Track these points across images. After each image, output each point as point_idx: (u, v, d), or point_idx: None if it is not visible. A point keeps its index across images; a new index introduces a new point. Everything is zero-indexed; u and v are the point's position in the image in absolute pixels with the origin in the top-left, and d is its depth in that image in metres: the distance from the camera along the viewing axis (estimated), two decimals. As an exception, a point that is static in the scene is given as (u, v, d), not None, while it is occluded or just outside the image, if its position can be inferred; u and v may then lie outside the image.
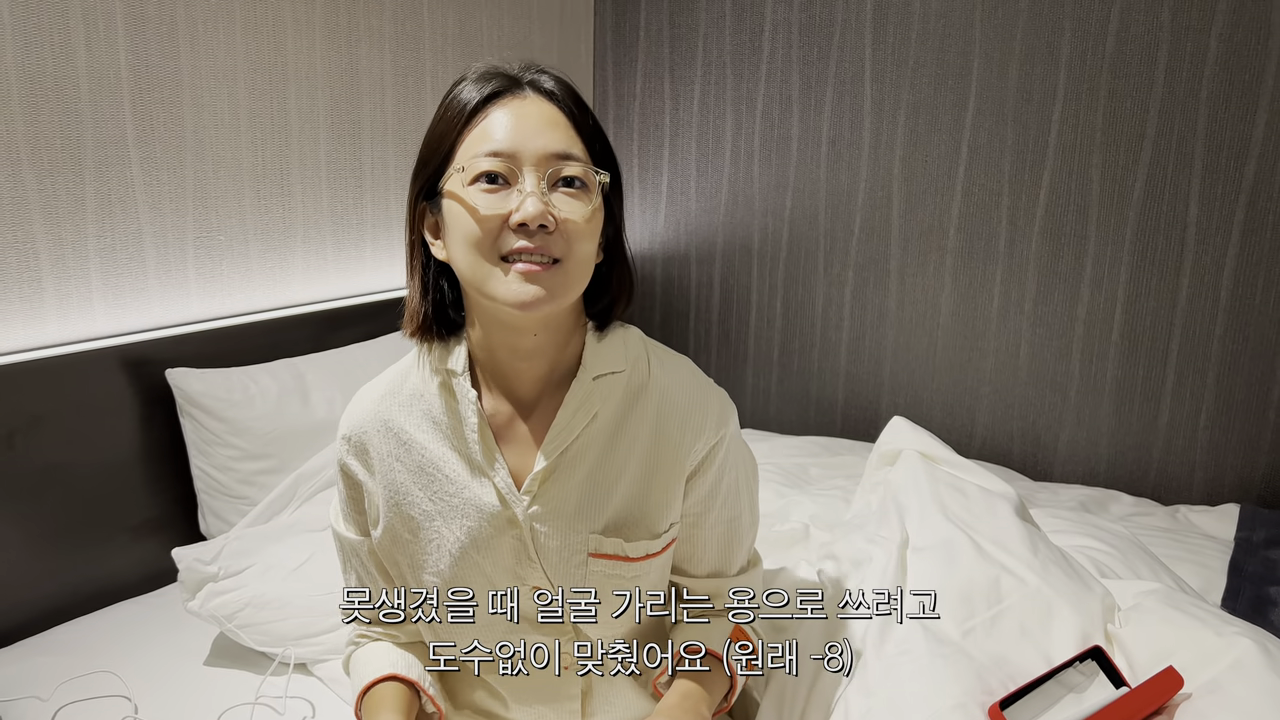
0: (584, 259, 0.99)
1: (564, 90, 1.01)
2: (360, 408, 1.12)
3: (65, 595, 1.72)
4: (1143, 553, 1.67)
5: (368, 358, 2.11)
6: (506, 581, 1.06)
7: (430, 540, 1.07)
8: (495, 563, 1.06)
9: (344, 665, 1.21)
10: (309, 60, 2.12)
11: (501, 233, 0.95)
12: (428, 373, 1.09)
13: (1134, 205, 2.34)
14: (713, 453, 1.09)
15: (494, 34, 2.62)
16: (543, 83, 1.01)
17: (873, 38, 2.60)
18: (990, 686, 1.10)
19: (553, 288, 0.96)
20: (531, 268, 0.94)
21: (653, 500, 1.06)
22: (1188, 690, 1.10)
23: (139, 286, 1.85)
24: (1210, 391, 2.33)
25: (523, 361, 1.04)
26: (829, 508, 1.94)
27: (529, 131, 0.97)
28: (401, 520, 1.08)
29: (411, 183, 1.05)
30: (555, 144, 0.97)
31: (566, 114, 1.00)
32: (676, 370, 1.11)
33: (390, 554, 1.11)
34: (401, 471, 1.07)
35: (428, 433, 1.07)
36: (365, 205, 2.31)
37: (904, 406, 2.72)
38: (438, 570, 1.07)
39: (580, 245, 0.97)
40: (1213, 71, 2.21)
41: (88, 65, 1.71)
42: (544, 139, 0.97)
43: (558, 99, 1.00)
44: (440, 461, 1.06)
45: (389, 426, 1.09)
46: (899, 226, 2.66)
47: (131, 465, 1.81)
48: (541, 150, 0.96)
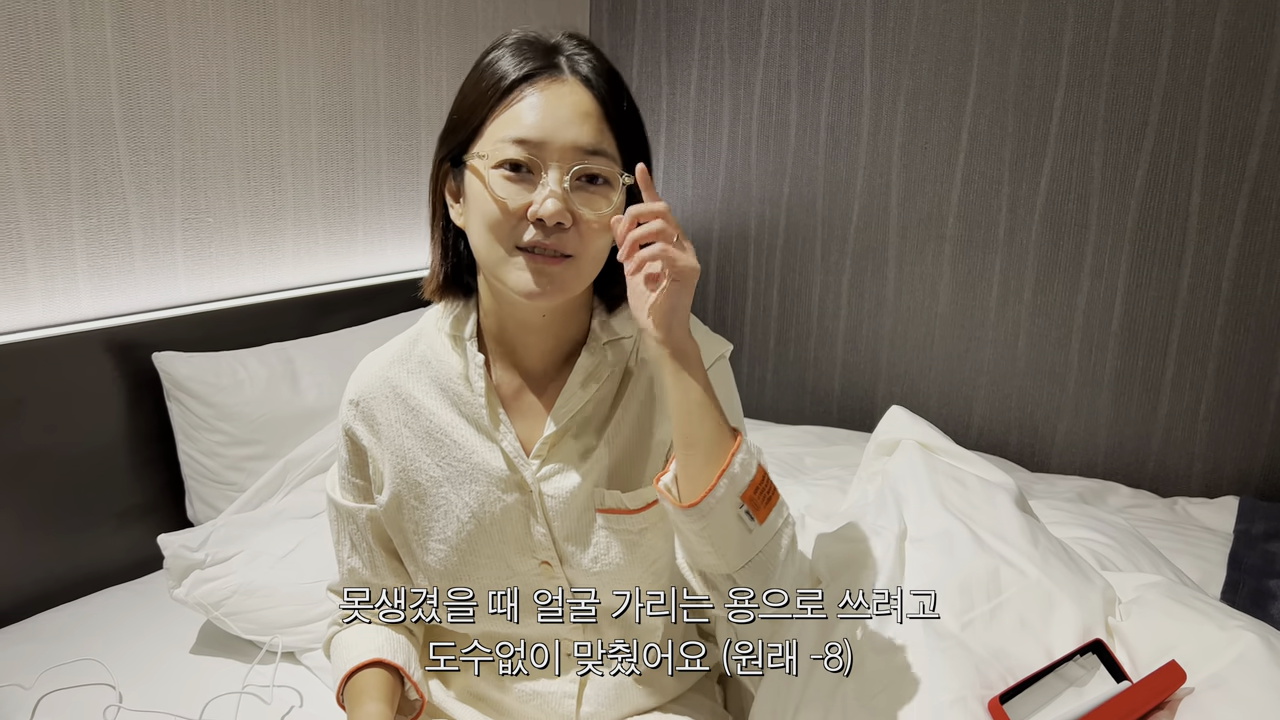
0: (596, 255, 0.99)
1: (602, 74, 0.99)
2: (368, 372, 1.12)
3: (49, 582, 1.69)
4: (1143, 545, 1.65)
5: (358, 343, 2.09)
6: (513, 549, 1.07)
7: (438, 506, 1.07)
8: (503, 529, 1.07)
9: (325, 647, 1.19)
10: (300, 40, 2.09)
11: (519, 222, 0.96)
12: (438, 338, 1.10)
13: (1136, 194, 2.32)
14: None
15: (489, 15, 2.59)
16: (580, 65, 0.98)
17: (873, 23, 2.57)
18: (990, 680, 1.08)
19: (562, 283, 0.97)
20: (543, 262, 0.96)
21: (650, 449, 1.08)
22: (1190, 684, 1.08)
23: (125, 269, 1.82)
24: (1210, 383, 2.31)
25: (531, 335, 1.06)
26: (825, 498, 1.92)
27: (560, 122, 0.96)
28: (409, 486, 1.08)
29: (439, 144, 1.05)
30: (584, 138, 0.96)
31: (600, 103, 0.98)
32: None
33: (395, 521, 1.10)
34: (409, 437, 1.08)
35: (435, 399, 1.08)
36: (357, 188, 2.28)
37: (901, 396, 2.69)
38: (445, 537, 1.07)
39: (594, 242, 0.97)
40: (1217, 58, 2.18)
41: (73, 43, 1.68)
42: (573, 131, 0.96)
43: (593, 85, 0.98)
44: (448, 427, 1.07)
45: (397, 392, 1.09)
46: (897, 214, 2.63)
47: (118, 450, 1.79)
48: (569, 144, 0.95)
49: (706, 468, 0.94)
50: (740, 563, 0.96)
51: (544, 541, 1.07)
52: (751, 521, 0.95)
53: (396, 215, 2.40)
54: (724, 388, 1.09)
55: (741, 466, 0.94)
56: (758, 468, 0.96)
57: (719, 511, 0.93)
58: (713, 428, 0.94)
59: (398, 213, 2.40)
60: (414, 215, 2.45)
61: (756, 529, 0.95)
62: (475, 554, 1.07)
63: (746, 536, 0.95)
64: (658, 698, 1.15)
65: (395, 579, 1.15)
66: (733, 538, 0.95)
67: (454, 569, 1.08)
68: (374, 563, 1.15)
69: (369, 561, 1.15)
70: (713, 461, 0.94)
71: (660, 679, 1.15)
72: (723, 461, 0.94)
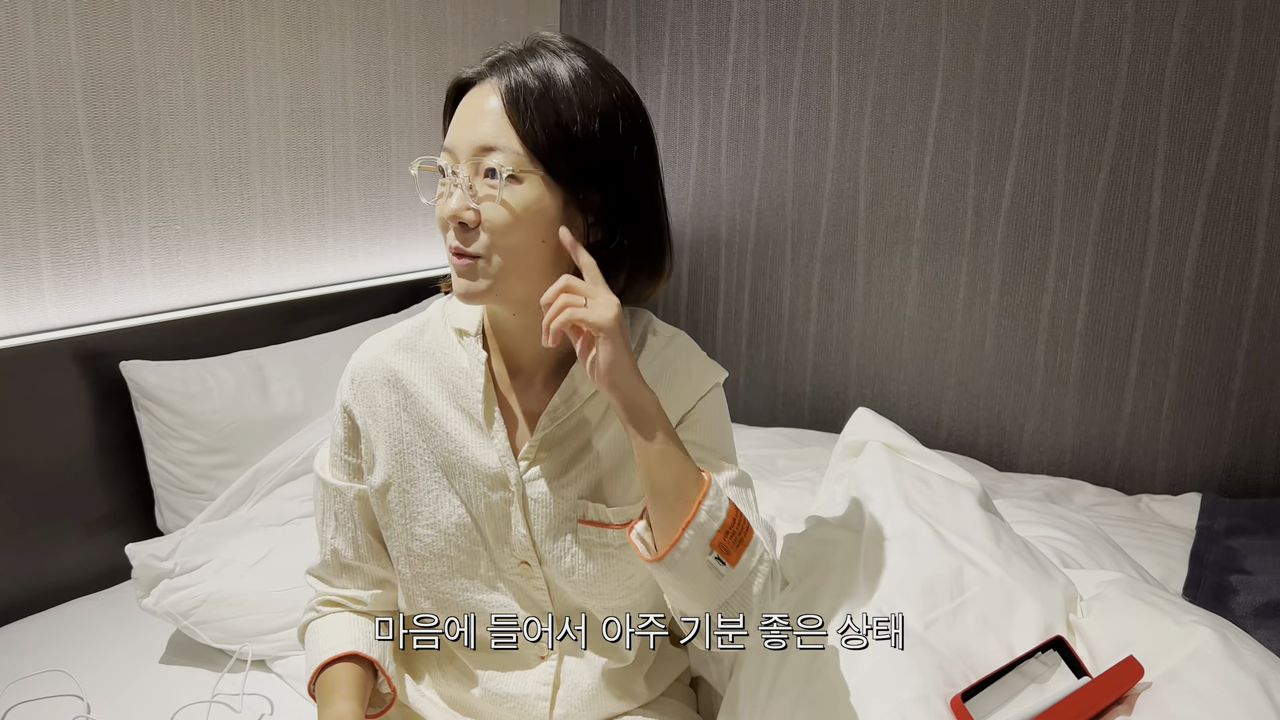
0: (512, 251, 0.98)
1: (524, 73, 0.97)
2: (370, 353, 1.13)
3: (16, 592, 1.68)
4: (1105, 542, 1.68)
5: (328, 350, 2.08)
6: (495, 545, 1.09)
7: (429, 491, 1.09)
8: (488, 524, 1.08)
9: (299, 633, 1.19)
10: (268, 47, 2.08)
11: (448, 228, 0.99)
12: (444, 330, 1.12)
13: (1098, 196, 2.35)
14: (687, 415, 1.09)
15: (458, 21, 2.59)
16: (510, 68, 0.98)
17: (839, 28, 2.60)
18: (952, 678, 1.10)
19: (478, 281, 0.99)
20: (458, 263, 0.99)
21: (632, 466, 1.07)
22: (1148, 679, 1.10)
23: (92, 277, 1.81)
24: (1173, 382, 2.35)
25: (515, 338, 1.08)
26: (795, 499, 1.94)
27: (464, 124, 0.99)
28: (402, 470, 1.09)
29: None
30: (480, 136, 0.97)
31: (509, 101, 0.96)
32: (668, 345, 1.12)
33: (384, 501, 1.11)
34: (407, 422, 1.09)
35: (434, 389, 1.09)
36: (326, 195, 2.28)
37: (871, 398, 2.72)
38: (433, 522, 1.09)
39: (504, 239, 0.97)
40: (1175, 62, 2.22)
41: (37, 51, 1.66)
42: (472, 131, 0.98)
43: (509, 85, 0.97)
44: (443, 418, 1.08)
45: (397, 377, 1.10)
46: (865, 217, 2.65)
47: (85, 459, 1.77)
48: (469, 144, 0.98)
49: (672, 518, 0.94)
50: (715, 605, 0.96)
51: (524, 542, 1.07)
52: (723, 566, 0.94)
53: (367, 221, 2.39)
54: (715, 417, 1.10)
55: (709, 514, 0.93)
56: (728, 512, 0.95)
57: (686, 562, 0.93)
58: (675, 477, 0.94)
59: (368, 218, 2.40)
60: (384, 221, 2.44)
61: (729, 572, 0.95)
62: (460, 543, 1.08)
63: (717, 581, 0.95)
64: (630, 701, 1.16)
65: (377, 562, 1.16)
66: (704, 583, 0.95)
67: (439, 554, 1.09)
68: (357, 544, 1.15)
69: (352, 541, 1.15)
70: (677, 512, 0.94)
71: (634, 682, 1.16)
72: (688, 512, 0.93)
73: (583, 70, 0.99)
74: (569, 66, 0.98)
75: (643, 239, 1.04)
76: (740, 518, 0.97)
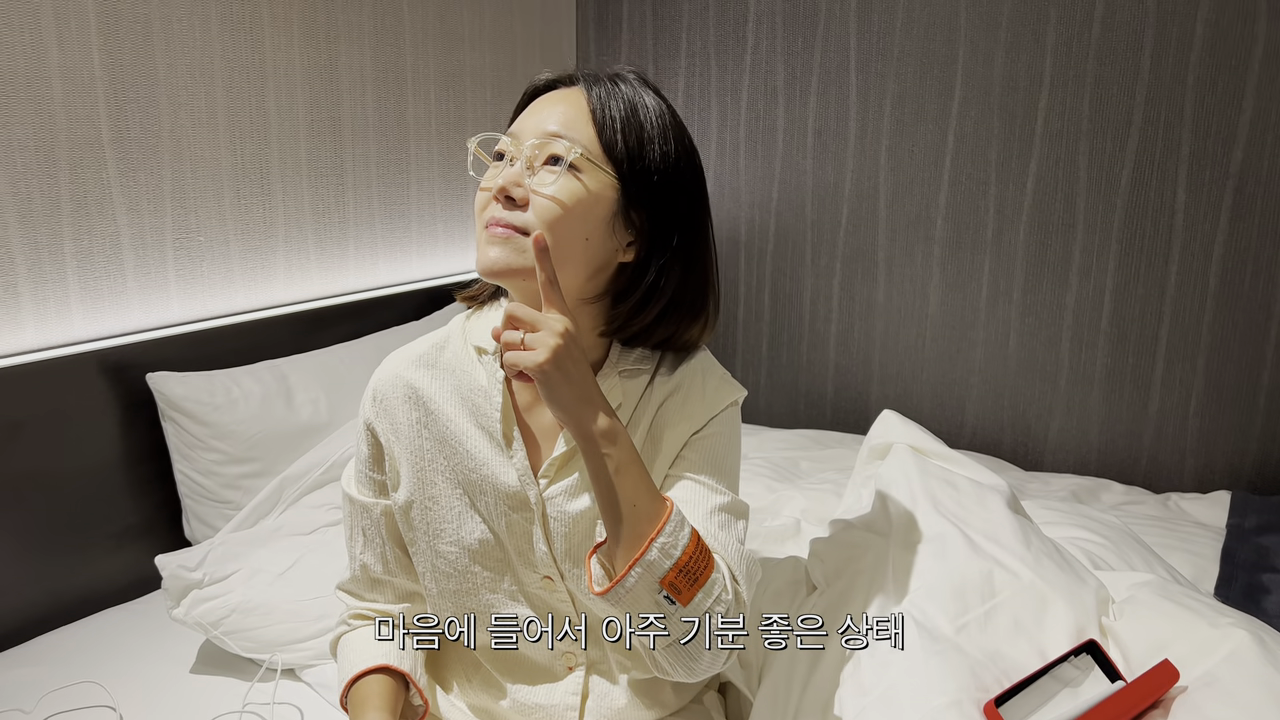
0: (555, 235, 0.97)
1: (614, 90, 1.01)
2: (391, 370, 1.13)
3: (48, 604, 1.69)
4: (1135, 543, 1.66)
5: (352, 358, 2.09)
6: (519, 561, 1.08)
7: (451, 509, 1.09)
8: (510, 541, 1.08)
9: (331, 646, 1.20)
10: (287, 57, 2.09)
11: (489, 204, 0.99)
12: (464, 347, 1.11)
13: (1121, 192, 2.33)
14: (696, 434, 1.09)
15: (476, 28, 2.59)
16: (599, 81, 1.02)
17: (857, 27, 2.59)
18: (985, 683, 1.09)
19: (511, 255, 0.97)
20: (496, 233, 0.97)
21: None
22: (1184, 683, 1.09)
23: (117, 289, 1.83)
24: (1200, 378, 2.32)
25: None
26: (820, 502, 1.93)
27: (538, 112, 1.01)
28: (423, 487, 1.09)
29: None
30: (555, 122, 0.99)
31: (596, 102, 1.00)
32: (686, 360, 1.12)
33: (408, 518, 1.11)
34: (428, 439, 1.09)
35: (455, 406, 1.09)
36: (348, 203, 2.29)
37: (893, 398, 2.71)
38: (456, 539, 1.09)
39: (549, 224, 0.96)
40: (1199, 57, 2.20)
41: (60, 64, 1.68)
42: (547, 118, 0.99)
43: (599, 94, 1.00)
44: (462, 436, 1.08)
45: (417, 395, 1.10)
46: (886, 217, 2.64)
47: (114, 471, 1.79)
48: (539, 128, 0.99)
49: (622, 551, 0.93)
50: (662, 645, 0.94)
51: (546, 560, 1.07)
52: (673, 606, 0.92)
53: (387, 228, 2.40)
54: (724, 438, 1.09)
55: (661, 552, 0.91)
56: (684, 549, 0.92)
57: (631, 600, 0.91)
58: (627, 509, 0.93)
59: (388, 226, 2.40)
60: (404, 228, 2.45)
61: (679, 610, 0.92)
62: (484, 560, 1.09)
63: (664, 620, 0.93)
64: (659, 709, 1.16)
65: (406, 576, 1.16)
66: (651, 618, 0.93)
67: (463, 571, 1.09)
68: (386, 558, 1.15)
69: (381, 557, 1.15)
70: (627, 545, 0.92)
71: (662, 690, 1.16)
72: (639, 546, 0.91)
73: (665, 110, 1.03)
74: (655, 102, 1.02)
75: (684, 279, 1.06)
76: (701, 554, 0.93)
